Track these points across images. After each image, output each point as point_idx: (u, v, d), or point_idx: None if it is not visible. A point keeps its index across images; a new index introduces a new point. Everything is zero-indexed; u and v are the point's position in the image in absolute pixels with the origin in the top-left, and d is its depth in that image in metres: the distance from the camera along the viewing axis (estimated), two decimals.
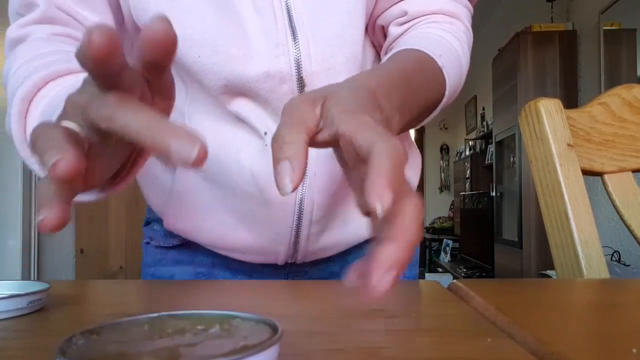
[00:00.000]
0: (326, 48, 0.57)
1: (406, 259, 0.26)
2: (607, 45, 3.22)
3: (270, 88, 0.56)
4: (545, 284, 0.56)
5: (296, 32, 0.56)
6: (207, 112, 0.59)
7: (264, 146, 0.58)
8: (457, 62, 0.58)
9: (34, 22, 0.56)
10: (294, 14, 0.56)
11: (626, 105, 0.69)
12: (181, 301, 0.44)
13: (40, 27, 0.56)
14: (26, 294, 0.37)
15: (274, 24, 0.55)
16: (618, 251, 3.00)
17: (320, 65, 0.56)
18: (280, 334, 0.22)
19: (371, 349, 0.28)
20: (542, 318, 0.35)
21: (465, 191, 5.82)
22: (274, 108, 0.57)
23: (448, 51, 0.57)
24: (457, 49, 0.59)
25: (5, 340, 0.31)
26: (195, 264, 0.66)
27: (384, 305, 0.40)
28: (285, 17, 0.55)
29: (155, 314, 0.25)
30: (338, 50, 0.57)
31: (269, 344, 0.20)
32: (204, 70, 0.55)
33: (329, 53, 0.57)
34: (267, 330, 0.23)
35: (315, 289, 0.48)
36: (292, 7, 0.56)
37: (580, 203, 0.63)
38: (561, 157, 0.64)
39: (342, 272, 0.70)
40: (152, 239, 0.70)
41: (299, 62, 0.55)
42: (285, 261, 0.63)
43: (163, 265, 0.68)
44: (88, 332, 0.23)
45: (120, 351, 0.21)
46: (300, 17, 0.56)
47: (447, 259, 5.88)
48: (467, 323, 0.34)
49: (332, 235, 0.63)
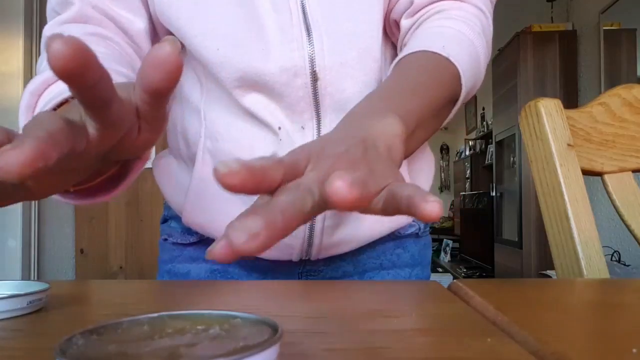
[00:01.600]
0: (339, 43, 0.58)
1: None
2: (607, 45, 3.22)
3: (284, 82, 0.57)
4: (545, 284, 0.56)
5: (310, 28, 0.58)
6: (222, 108, 0.60)
7: (278, 141, 0.59)
8: (467, 45, 0.57)
9: (69, 21, 0.58)
10: (309, 12, 0.58)
11: (626, 105, 0.69)
12: (182, 301, 0.44)
13: (75, 27, 0.58)
14: (26, 294, 0.37)
15: (289, 20, 0.57)
16: (618, 251, 3.01)
17: (333, 59, 0.58)
18: (280, 334, 0.22)
19: (371, 349, 0.28)
20: (542, 318, 0.35)
21: (465, 191, 5.83)
22: (287, 103, 0.59)
23: (453, 38, 0.57)
24: (466, 33, 0.58)
25: (5, 340, 0.31)
26: (211, 261, 0.67)
27: (384, 305, 0.40)
28: (301, 15, 0.58)
29: (155, 314, 0.25)
30: (351, 45, 0.58)
31: (269, 344, 0.20)
32: (222, 63, 0.57)
33: (340, 48, 0.58)
34: (267, 331, 0.23)
35: (316, 289, 0.48)
36: (307, 4, 0.58)
37: (580, 203, 0.63)
38: (561, 157, 0.64)
39: (354, 272, 0.70)
40: (170, 236, 0.70)
41: (312, 57, 0.57)
42: (300, 257, 0.63)
43: (179, 262, 0.69)
44: (88, 332, 0.23)
45: (120, 351, 0.21)
46: (315, 14, 0.58)
47: (447, 259, 5.88)
48: (467, 323, 0.34)
49: (346, 230, 0.63)
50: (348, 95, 0.59)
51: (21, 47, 2.44)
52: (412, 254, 0.70)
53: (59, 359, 0.19)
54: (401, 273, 0.69)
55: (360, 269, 0.68)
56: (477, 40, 0.59)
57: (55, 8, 0.59)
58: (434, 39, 0.56)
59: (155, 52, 0.27)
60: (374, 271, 0.68)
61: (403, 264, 0.69)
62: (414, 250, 0.70)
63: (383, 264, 0.68)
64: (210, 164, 0.62)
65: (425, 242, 0.72)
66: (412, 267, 0.70)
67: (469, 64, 0.55)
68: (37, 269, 2.67)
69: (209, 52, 0.57)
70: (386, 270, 0.68)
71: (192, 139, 0.63)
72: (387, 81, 0.52)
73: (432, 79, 0.51)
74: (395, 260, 0.69)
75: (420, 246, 0.71)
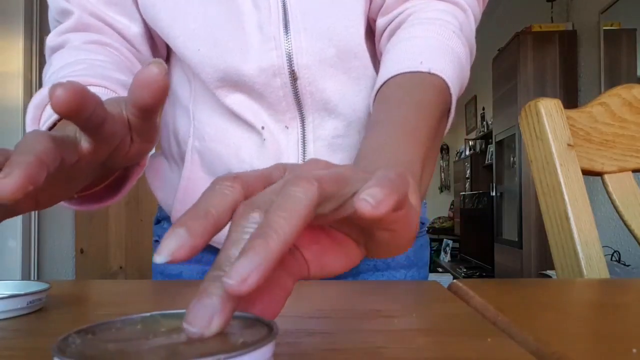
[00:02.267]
0: (317, 40, 0.57)
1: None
2: (607, 45, 3.22)
3: (264, 82, 0.57)
4: (545, 284, 0.56)
5: (289, 25, 0.56)
6: (208, 108, 0.61)
7: (262, 141, 0.59)
8: (444, 50, 0.53)
9: (69, 30, 0.59)
10: (289, 8, 0.57)
11: (626, 105, 0.69)
12: (182, 301, 0.44)
13: (76, 35, 0.59)
14: (26, 294, 0.37)
15: (268, 17, 0.56)
16: (618, 251, 3.00)
17: (312, 57, 0.57)
18: (275, 332, 0.22)
19: (371, 349, 0.28)
20: (542, 318, 0.35)
21: (465, 191, 5.82)
22: (269, 103, 0.58)
23: (429, 48, 0.53)
24: (441, 37, 0.54)
25: (5, 340, 0.31)
26: (203, 263, 0.67)
27: (384, 305, 0.40)
28: (280, 11, 0.56)
29: (149, 313, 0.26)
30: (329, 42, 0.57)
31: (265, 342, 0.20)
32: (202, 63, 0.57)
33: (319, 46, 0.57)
34: (262, 329, 0.23)
35: (315, 289, 0.48)
36: (288, 0, 0.57)
37: (580, 203, 0.63)
38: (561, 157, 0.64)
39: (348, 274, 0.70)
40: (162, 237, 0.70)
41: (290, 55, 0.56)
42: None
43: (171, 263, 0.69)
44: (83, 331, 0.23)
45: (118, 349, 0.21)
46: (294, 10, 0.57)
47: (447, 259, 5.88)
48: (467, 323, 0.34)
49: None
50: (329, 95, 0.58)
51: (21, 47, 2.44)
52: (407, 254, 0.68)
53: (58, 358, 0.19)
54: (396, 275, 0.67)
55: (353, 271, 0.66)
56: (454, 40, 0.55)
57: (56, 17, 0.61)
58: (409, 55, 0.52)
59: (142, 74, 0.29)
60: (368, 272, 0.66)
61: (398, 265, 0.67)
62: (409, 251, 0.68)
63: (377, 265, 0.67)
64: (199, 163, 0.62)
65: (422, 243, 0.70)
66: (408, 268, 0.68)
67: (452, 70, 0.52)
68: (37, 269, 2.67)
69: (191, 52, 0.57)
70: (380, 271, 0.67)
71: (182, 138, 0.63)
72: (378, 125, 0.46)
73: (421, 108, 0.47)
74: (390, 261, 0.67)
75: (417, 247, 0.69)
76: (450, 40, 0.54)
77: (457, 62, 0.54)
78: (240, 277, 0.20)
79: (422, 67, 0.50)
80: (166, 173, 0.69)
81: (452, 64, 0.52)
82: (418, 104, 0.47)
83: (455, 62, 0.53)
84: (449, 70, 0.51)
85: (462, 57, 0.55)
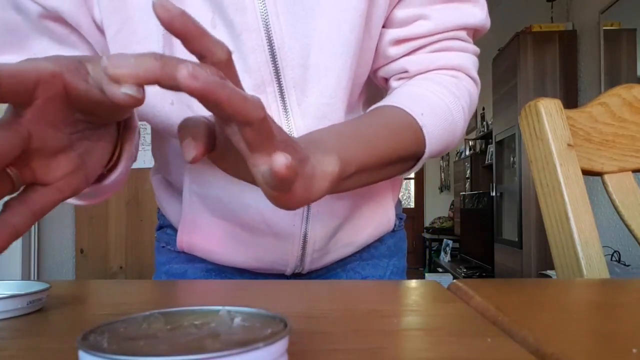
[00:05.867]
0: (314, 122, 0.57)
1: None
2: (607, 45, 3.22)
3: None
4: (545, 284, 0.56)
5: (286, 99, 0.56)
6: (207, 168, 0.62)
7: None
8: (447, 117, 0.58)
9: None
10: (283, 77, 0.56)
11: (626, 105, 0.69)
12: (183, 300, 0.44)
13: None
14: (26, 294, 0.37)
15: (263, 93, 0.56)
16: (618, 251, 3.01)
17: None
18: (289, 327, 0.23)
19: (371, 349, 0.28)
20: (542, 318, 0.35)
21: (465, 191, 5.82)
22: None
23: (435, 108, 0.57)
24: (449, 104, 0.58)
25: (5, 340, 0.31)
26: (206, 262, 0.69)
27: (384, 305, 0.40)
28: (275, 83, 0.56)
29: (167, 309, 0.27)
30: (324, 120, 0.58)
31: (281, 336, 0.22)
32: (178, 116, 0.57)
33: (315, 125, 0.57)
34: (277, 324, 0.24)
35: (315, 289, 0.48)
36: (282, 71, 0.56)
37: (580, 203, 0.63)
38: (561, 157, 0.64)
39: (338, 266, 0.74)
40: (168, 244, 0.73)
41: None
42: (293, 272, 0.67)
43: (176, 263, 0.71)
44: (106, 326, 0.24)
45: (142, 344, 0.22)
46: (290, 86, 0.56)
47: (447, 259, 5.88)
48: (467, 323, 0.34)
49: (335, 255, 0.68)
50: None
51: None
52: (388, 246, 0.76)
53: (84, 351, 0.20)
54: (380, 263, 0.74)
55: (342, 262, 0.72)
56: (457, 112, 0.59)
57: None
58: (416, 103, 0.56)
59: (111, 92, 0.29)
60: (355, 262, 0.73)
61: (381, 255, 0.75)
62: (390, 243, 0.76)
63: (363, 256, 0.73)
64: (197, 202, 0.63)
65: (400, 236, 0.78)
66: (390, 257, 0.75)
67: (441, 136, 0.57)
68: (37, 269, 2.67)
69: (162, 113, 0.56)
70: (366, 261, 0.74)
71: (176, 177, 0.66)
72: (353, 121, 0.53)
73: (392, 136, 0.52)
74: (374, 252, 0.74)
75: (396, 239, 0.77)
76: (457, 110, 0.59)
77: (450, 132, 0.59)
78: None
79: (420, 119, 0.54)
80: (167, 189, 0.71)
81: (444, 132, 0.57)
82: (393, 133, 0.52)
83: (448, 132, 0.58)
84: (437, 139, 0.56)
85: (457, 130, 0.60)
